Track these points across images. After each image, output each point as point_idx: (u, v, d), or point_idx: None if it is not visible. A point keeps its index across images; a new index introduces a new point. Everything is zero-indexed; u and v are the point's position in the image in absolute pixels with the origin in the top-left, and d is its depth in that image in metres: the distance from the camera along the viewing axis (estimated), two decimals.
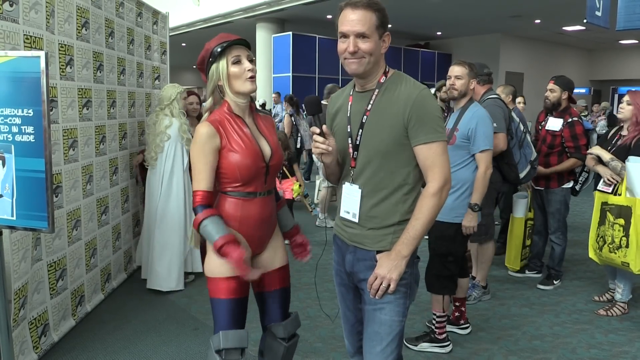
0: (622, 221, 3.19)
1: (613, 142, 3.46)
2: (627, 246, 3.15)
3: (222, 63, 1.91)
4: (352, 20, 1.67)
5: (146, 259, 4.04)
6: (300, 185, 5.16)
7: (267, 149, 1.99)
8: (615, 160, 3.33)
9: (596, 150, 3.51)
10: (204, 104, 2.13)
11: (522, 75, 15.63)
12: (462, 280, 3.15)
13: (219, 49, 1.91)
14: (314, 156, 5.94)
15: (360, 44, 1.68)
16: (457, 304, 3.23)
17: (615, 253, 3.23)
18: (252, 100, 2.07)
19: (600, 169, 3.45)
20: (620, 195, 3.25)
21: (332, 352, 3.05)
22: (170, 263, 3.89)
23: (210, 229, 1.87)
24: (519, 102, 5.93)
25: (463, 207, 2.85)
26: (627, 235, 3.15)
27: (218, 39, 1.94)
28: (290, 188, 5.15)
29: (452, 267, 2.93)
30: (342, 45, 1.72)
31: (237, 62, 1.91)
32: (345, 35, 1.70)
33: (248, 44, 1.96)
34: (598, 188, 3.44)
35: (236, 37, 1.94)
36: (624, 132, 3.45)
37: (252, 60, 1.96)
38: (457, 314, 3.25)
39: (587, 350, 3.10)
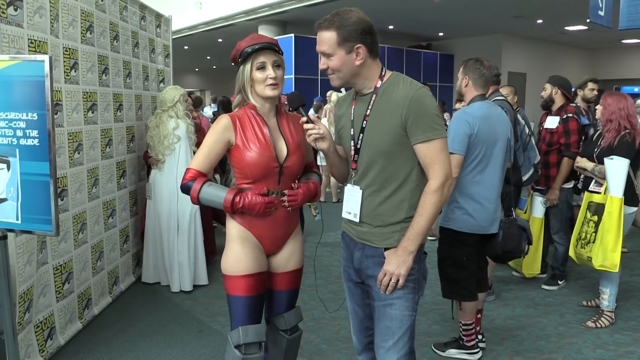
0: (595, 218, 3.29)
1: (598, 144, 3.46)
2: (594, 241, 3.24)
3: (248, 67, 1.97)
4: (318, 41, 1.80)
5: (153, 261, 4.05)
6: None
7: (283, 151, 2.02)
8: (599, 165, 3.38)
9: (580, 163, 3.54)
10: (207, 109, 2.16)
11: (525, 75, 15.58)
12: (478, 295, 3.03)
13: (248, 51, 1.95)
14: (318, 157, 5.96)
15: (327, 62, 1.79)
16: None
17: (584, 248, 3.32)
18: (280, 101, 2.11)
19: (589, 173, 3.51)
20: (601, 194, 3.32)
21: (337, 353, 3.05)
22: (177, 262, 3.95)
23: (213, 191, 1.96)
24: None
25: (452, 212, 2.78)
26: (596, 231, 3.24)
27: (249, 39, 1.98)
28: None
29: (451, 272, 2.83)
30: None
31: (262, 68, 1.95)
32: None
33: (275, 48, 1.98)
34: (589, 189, 3.45)
35: (266, 40, 1.97)
36: (605, 132, 3.45)
37: (279, 66, 1.98)
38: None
39: (593, 350, 3.09)
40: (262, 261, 2.06)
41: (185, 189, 1.97)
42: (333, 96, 8.30)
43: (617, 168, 3.16)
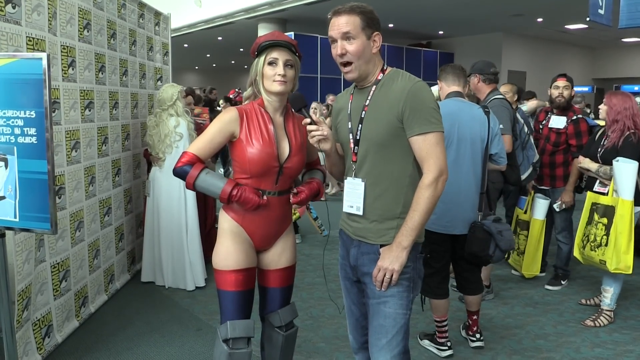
0: (605, 220, 3.25)
1: (602, 144, 3.43)
2: (606, 244, 3.20)
3: (261, 60, 1.99)
4: (337, 24, 1.78)
5: (151, 260, 4.05)
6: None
7: (285, 150, 2.03)
8: (603, 166, 3.34)
9: (584, 164, 3.50)
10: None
11: (525, 74, 15.59)
12: (469, 297, 3.06)
13: (263, 46, 1.97)
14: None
15: (347, 46, 1.77)
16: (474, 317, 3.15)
17: (595, 251, 3.28)
18: (288, 101, 2.11)
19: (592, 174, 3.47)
20: (608, 195, 3.28)
21: (335, 351, 3.05)
22: (186, 262, 3.97)
23: (211, 180, 1.96)
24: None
25: None
26: (608, 234, 3.20)
27: (269, 35, 2.01)
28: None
29: None
30: (334, 50, 1.82)
31: (273, 63, 1.96)
32: (334, 40, 1.80)
33: (292, 48, 1.99)
34: (594, 189, 3.43)
35: (283, 38, 1.99)
36: (609, 132, 3.41)
37: (292, 66, 1.99)
38: (469, 322, 3.15)
39: (591, 349, 3.09)
40: (252, 257, 2.08)
41: (182, 172, 1.95)
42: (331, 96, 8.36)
43: (626, 171, 3.13)
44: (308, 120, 1.81)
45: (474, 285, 3.03)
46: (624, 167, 3.14)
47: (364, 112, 1.83)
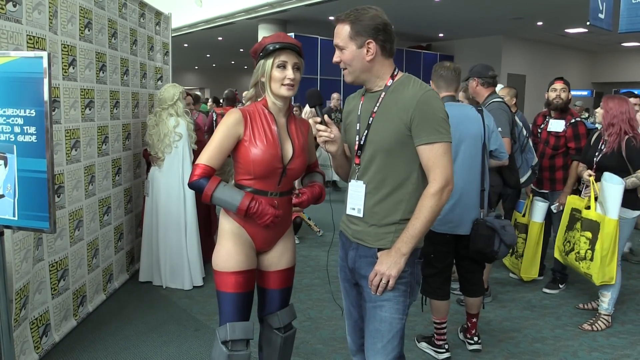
0: (589, 234, 3.27)
1: (599, 148, 3.43)
2: (591, 259, 3.23)
3: (269, 63, 1.97)
4: (334, 34, 1.83)
5: (149, 259, 4.04)
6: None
7: (288, 152, 2.03)
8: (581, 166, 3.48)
9: (570, 202, 3.51)
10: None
11: (524, 77, 15.59)
12: (470, 300, 3.07)
13: (270, 48, 1.95)
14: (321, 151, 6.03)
15: (340, 55, 1.82)
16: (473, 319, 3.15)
17: (579, 263, 3.33)
18: (292, 102, 2.12)
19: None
20: (590, 208, 3.29)
21: (333, 353, 3.04)
22: (184, 261, 3.98)
23: (229, 192, 1.96)
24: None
25: None
26: (592, 249, 3.22)
27: (275, 37, 2.00)
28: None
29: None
30: None
31: (282, 66, 1.96)
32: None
33: (299, 51, 2.00)
34: (582, 195, 3.48)
35: (291, 41, 1.99)
36: (606, 137, 3.40)
37: (298, 69, 2.00)
38: (468, 324, 3.16)
39: (589, 353, 3.09)
40: (252, 259, 2.08)
41: (198, 186, 1.95)
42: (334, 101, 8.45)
43: (614, 191, 3.15)
44: (319, 119, 1.82)
45: (476, 287, 3.03)
46: (611, 188, 3.16)
47: (371, 118, 1.82)
